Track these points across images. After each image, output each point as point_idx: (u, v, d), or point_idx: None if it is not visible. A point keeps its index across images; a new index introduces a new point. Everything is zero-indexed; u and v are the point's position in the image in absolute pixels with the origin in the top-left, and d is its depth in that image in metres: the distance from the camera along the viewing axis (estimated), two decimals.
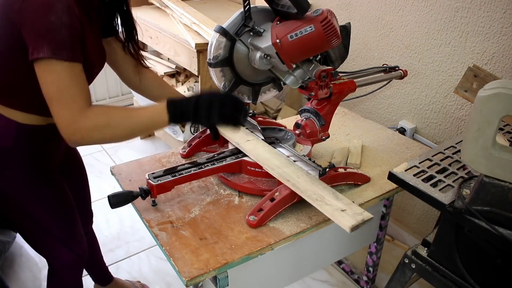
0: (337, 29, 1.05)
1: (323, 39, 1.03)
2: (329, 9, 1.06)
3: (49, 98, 0.90)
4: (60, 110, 0.90)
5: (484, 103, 0.83)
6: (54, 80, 0.89)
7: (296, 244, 1.23)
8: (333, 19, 1.05)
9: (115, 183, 1.30)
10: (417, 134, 1.87)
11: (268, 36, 1.07)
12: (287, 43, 1.05)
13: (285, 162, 1.15)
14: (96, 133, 0.92)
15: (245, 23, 1.08)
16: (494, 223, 0.86)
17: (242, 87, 1.21)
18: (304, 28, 1.01)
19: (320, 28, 1.01)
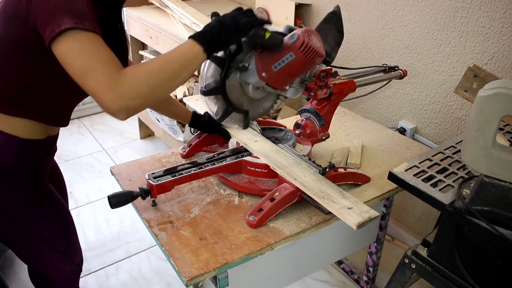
0: (317, 49, 1.01)
1: (306, 62, 1.02)
2: (306, 29, 1.01)
3: (82, 70, 0.81)
4: (97, 79, 0.81)
5: (484, 103, 0.83)
6: (83, 49, 0.82)
7: (296, 244, 1.23)
8: (312, 38, 1.01)
9: (115, 183, 1.30)
10: (417, 134, 1.87)
11: (254, 70, 1.06)
12: (273, 73, 1.04)
13: (293, 161, 1.15)
14: (143, 85, 0.83)
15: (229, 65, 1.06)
16: (494, 223, 0.86)
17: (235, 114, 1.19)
18: (285, 57, 1.01)
19: (300, 53, 0.99)
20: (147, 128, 2.86)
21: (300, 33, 1.00)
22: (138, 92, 0.83)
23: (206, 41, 0.91)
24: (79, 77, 0.82)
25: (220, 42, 0.93)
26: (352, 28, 2.04)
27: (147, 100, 0.85)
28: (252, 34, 0.96)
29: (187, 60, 0.90)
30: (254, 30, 0.95)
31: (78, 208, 2.26)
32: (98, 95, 0.81)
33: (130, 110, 0.83)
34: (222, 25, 0.93)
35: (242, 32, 0.94)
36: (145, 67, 0.86)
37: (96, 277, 1.85)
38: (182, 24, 2.17)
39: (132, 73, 0.84)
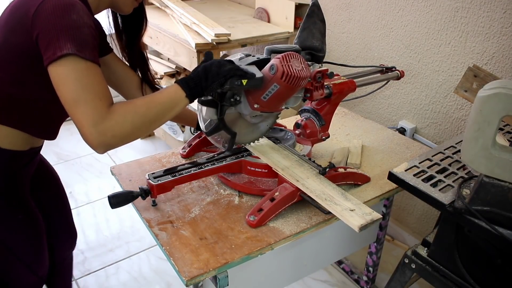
0: (298, 73, 1.00)
1: (292, 88, 1.02)
2: (285, 55, 1.00)
3: (73, 99, 0.83)
4: (85, 111, 0.83)
5: (484, 103, 0.83)
6: (79, 77, 0.84)
7: (296, 244, 1.24)
8: (292, 64, 1.00)
9: (115, 183, 1.30)
10: (417, 134, 1.87)
11: (246, 103, 1.08)
12: (264, 102, 1.05)
13: (295, 163, 1.15)
14: (127, 124, 0.86)
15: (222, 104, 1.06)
16: (494, 223, 0.86)
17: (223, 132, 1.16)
18: (271, 88, 1.02)
19: (283, 83, 1.00)
20: None
21: (278, 63, 0.99)
22: (121, 131, 0.86)
23: (189, 87, 0.95)
24: (68, 105, 0.85)
25: (201, 88, 0.96)
26: (352, 28, 2.04)
27: (127, 139, 0.89)
28: (229, 87, 0.98)
29: (170, 104, 0.94)
30: (230, 82, 0.98)
31: (78, 208, 2.26)
32: (82, 127, 0.84)
33: (110, 146, 0.86)
34: (205, 71, 0.96)
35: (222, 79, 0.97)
36: (132, 108, 0.89)
37: (96, 277, 1.85)
38: (182, 24, 2.17)
39: (119, 113, 0.87)
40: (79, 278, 1.83)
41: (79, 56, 0.84)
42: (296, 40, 1.23)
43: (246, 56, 1.09)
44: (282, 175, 1.11)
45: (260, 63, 1.06)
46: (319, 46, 1.21)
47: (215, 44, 1.95)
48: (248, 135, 1.21)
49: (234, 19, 2.39)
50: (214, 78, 0.96)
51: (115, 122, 0.85)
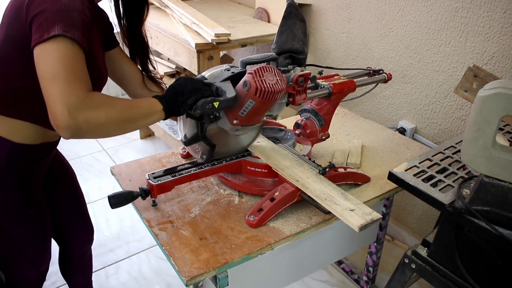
0: (272, 88, 0.98)
1: (267, 103, 1.01)
2: (257, 69, 0.98)
3: (52, 75, 0.80)
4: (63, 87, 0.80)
5: (484, 103, 0.83)
6: (61, 56, 0.82)
7: (296, 244, 1.24)
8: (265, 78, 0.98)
9: (115, 183, 1.30)
10: (417, 134, 1.87)
11: (225, 118, 1.06)
12: (243, 118, 1.03)
13: (294, 162, 1.15)
14: (102, 114, 0.83)
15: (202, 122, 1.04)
16: (494, 223, 0.86)
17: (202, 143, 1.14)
18: (247, 104, 1.00)
19: (258, 98, 0.98)
20: (147, 128, 2.86)
21: (251, 79, 0.97)
22: (93, 118, 0.82)
23: (166, 101, 0.96)
24: (45, 80, 0.81)
25: (177, 103, 0.96)
26: (352, 28, 2.04)
27: (97, 129, 0.84)
28: (200, 112, 0.98)
29: (147, 111, 0.95)
30: (202, 106, 0.97)
31: None
32: (54, 104, 0.80)
33: (78, 131, 0.81)
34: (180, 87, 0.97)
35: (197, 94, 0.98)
36: (111, 101, 0.87)
37: (96, 277, 1.85)
38: (182, 24, 2.17)
39: (97, 100, 0.84)
40: None
41: (66, 36, 0.82)
42: (274, 45, 1.20)
43: (230, 67, 1.07)
44: (282, 175, 1.11)
45: (235, 77, 1.04)
46: (300, 48, 1.18)
47: (215, 44, 1.95)
48: (229, 148, 1.19)
49: (234, 19, 2.39)
50: (190, 94, 0.97)
51: (91, 108, 0.82)
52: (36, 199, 1.13)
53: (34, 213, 1.12)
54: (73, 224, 1.37)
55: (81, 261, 1.46)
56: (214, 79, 1.04)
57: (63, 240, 1.38)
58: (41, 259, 1.20)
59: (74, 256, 1.42)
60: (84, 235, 1.42)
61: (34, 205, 1.12)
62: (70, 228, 1.36)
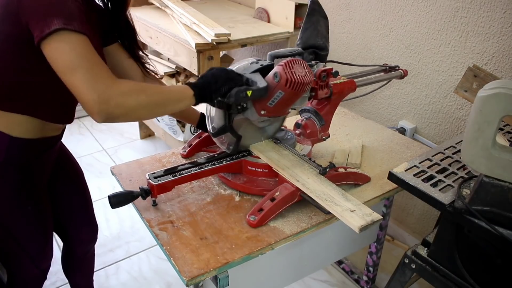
0: (302, 79, 1.02)
1: (296, 94, 1.05)
2: (287, 62, 1.02)
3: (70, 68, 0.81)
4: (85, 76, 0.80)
5: (484, 103, 0.83)
6: (73, 47, 0.82)
7: (296, 244, 1.24)
8: (294, 70, 1.02)
9: (115, 183, 1.30)
10: (417, 134, 1.87)
11: (253, 109, 1.10)
12: (271, 108, 1.08)
13: (295, 162, 1.15)
14: (132, 98, 0.84)
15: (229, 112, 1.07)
16: (494, 223, 0.86)
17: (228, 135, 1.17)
18: (276, 95, 1.04)
19: (288, 89, 1.02)
20: (147, 128, 2.86)
21: (281, 71, 1.02)
22: (124, 102, 0.84)
23: (198, 88, 0.97)
24: (65, 75, 0.82)
25: (210, 91, 0.98)
26: (352, 28, 2.05)
27: (129, 114, 0.86)
28: (234, 99, 1.00)
29: (177, 97, 0.96)
30: (236, 94, 1.00)
31: None
32: (83, 94, 0.81)
33: (111, 116, 0.83)
34: (214, 76, 0.99)
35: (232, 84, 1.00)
36: (140, 85, 0.90)
37: (96, 277, 1.84)
38: (182, 24, 2.17)
39: (126, 85, 0.86)
40: None
41: (68, 29, 0.82)
42: (298, 41, 1.24)
43: (257, 61, 1.11)
44: (283, 175, 1.11)
45: (264, 70, 1.08)
46: (323, 45, 1.22)
47: (215, 44, 1.95)
48: (254, 139, 1.23)
49: (234, 19, 2.39)
50: (224, 83, 0.99)
51: (121, 92, 0.83)
52: (37, 194, 1.12)
53: (34, 209, 1.12)
54: (78, 221, 1.37)
55: (83, 259, 1.46)
56: (243, 71, 1.07)
57: (67, 236, 1.39)
58: (42, 256, 1.20)
59: (77, 253, 1.43)
60: (88, 233, 1.42)
61: (35, 200, 1.12)
62: (75, 225, 1.37)
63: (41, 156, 1.10)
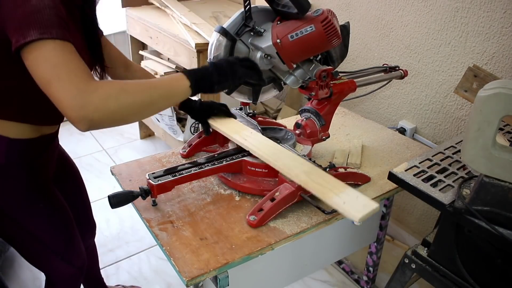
0: (337, 29, 1.04)
1: (324, 39, 1.03)
2: (330, 9, 1.06)
3: (46, 79, 0.78)
4: (61, 86, 0.77)
5: (484, 103, 0.83)
6: (47, 58, 0.79)
7: (296, 244, 1.24)
8: (334, 19, 1.05)
9: (115, 183, 1.30)
10: (417, 134, 1.87)
11: (268, 36, 1.07)
12: (288, 43, 1.04)
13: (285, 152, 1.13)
14: (112, 101, 0.79)
15: (245, 23, 1.07)
16: (494, 223, 0.86)
17: (243, 87, 1.20)
18: (305, 28, 1.01)
19: (321, 28, 1.01)
20: (147, 128, 2.86)
21: (326, 10, 1.03)
22: (104, 106, 0.79)
23: (195, 78, 0.90)
24: (43, 86, 0.80)
25: (210, 83, 0.93)
26: (352, 28, 2.04)
27: (112, 117, 0.81)
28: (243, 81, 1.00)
29: (170, 91, 0.89)
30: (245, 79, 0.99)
31: None
32: (61, 103, 0.78)
33: (92, 122, 0.79)
34: (217, 68, 0.94)
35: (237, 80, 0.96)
36: (120, 85, 0.83)
37: None
38: (182, 24, 2.17)
39: (103, 86, 0.81)
40: None
41: (43, 39, 0.78)
42: None
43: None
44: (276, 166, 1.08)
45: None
46: (334, 59, 1.24)
47: None
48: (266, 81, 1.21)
49: None
50: (227, 77, 0.93)
51: (98, 96, 0.78)
52: (46, 191, 1.12)
53: (47, 205, 1.11)
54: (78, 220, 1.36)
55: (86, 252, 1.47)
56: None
57: None
58: (71, 253, 1.19)
59: None
60: (86, 230, 1.44)
61: (45, 197, 1.11)
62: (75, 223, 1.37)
63: (42, 154, 1.10)
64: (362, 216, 0.93)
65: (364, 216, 0.93)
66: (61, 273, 1.21)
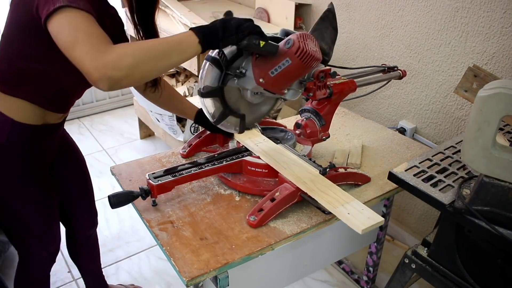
0: (313, 53, 1.01)
1: (302, 67, 1.02)
2: (302, 33, 1.02)
3: (70, 42, 0.84)
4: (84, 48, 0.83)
5: (484, 103, 0.83)
6: (72, 23, 0.85)
7: (296, 244, 1.24)
8: (308, 42, 1.01)
9: (115, 183, 1.30)
10: (417, 134, 1.87)
11: (251, 76, 1.07)
12: (271, 78, 1.05)
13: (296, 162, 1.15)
14: (129, 57, 0.84)
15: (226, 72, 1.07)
16: (494, 223, 0.86)
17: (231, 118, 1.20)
18: (282, 63, 1.01)
19: (296, 59, 0.99)
20: (147, 128, 2.86)
21: (295, 38, 1.00)
22: (121, 63, 0.83)
23: (204, 34, 0.93)
24: (67, 49, 0.85)
25: (217, 39, 0.94)
26: (352, 28, 2.04)
27: (130, 73, 0.85)
28: (246, 43, 0.97)
29: (180, 46, 0.92)
30: (248, 39, 0.97)
31: None
32: (83, 64, 0.83)
33: (113, 80, 0.83)
34: (224, 23, 0.95)
35: (241, 34, 0.96)
36: (135, 44, 0.88)
37: None
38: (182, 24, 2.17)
39: (120, 47, 0.86)
40: (78, 278, 1.82)
41: (71, 6, 0.85)
42: None
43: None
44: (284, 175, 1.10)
45: (274, 39, 1.06)
46: (327, 50, 1.22)
47: None
48: (250, 116, 1.23)
49: None
50: (232, 31, 0.95)
51: (116, 55, 0.84)
52: (39, 177, 1.16)
53: (37, 190, 1.15)
54: (79, 207, 1.41)
55: (85, 244, 1.50)
56: None
57: (68, 221, 1.43)
58: (48, 238, 1.24)
59: (79, 239, 1.47)
60: (88, 219, 1.46)
61: (37, 183, 1.15)
62: (76, 211, 1.41)
63: (42, 142, 1.14)
64: (365, 228, 0.94)
65: (368, 228, 0.95)
66: (35, 255, 1.25)
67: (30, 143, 1.10)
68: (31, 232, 1.20)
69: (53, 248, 1.27)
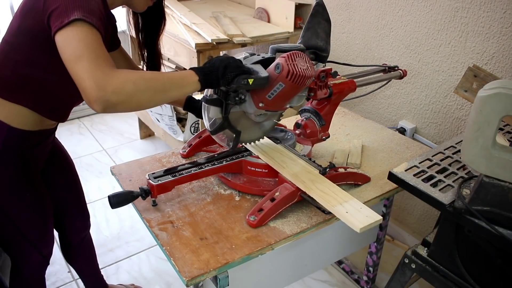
0: (303, 73, 1.01)
1: (296, 87, 1.04)
2: (290, 54, 1.02)
3: (76, 55, 0.84)
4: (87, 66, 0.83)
5: (484, 103, 0.83)
6: (82, 38, 0.86)
7: (296, 244, 1.24)
8: (297, 63, 1.02)
9: (115, 183, 1.30)
10: (417, 134, 1.87)
11: (251, 101, 1.09)
12: (269, 101, 1.06)
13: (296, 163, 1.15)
14: (130, 84, 0.85)
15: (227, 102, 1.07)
16: (494, 223, 0.86)
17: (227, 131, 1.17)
18: (276, 87, 1.03)
19: (288, 82, 1.01)
20: (147, 128, 2.86)
21: (283, 62, 1.01)
22: (122, 89, 0.84)
23: (203, 73, 0.97)
24: (70, 62, 0.85)
25: (216, 77, 0.98)
26: (352, 28, 2.04)
27: (128, 99, 0.86)
28: (236, 86, 0.99)
29: (180, 82, 0.95)
30: (237, 81, 0.99)
31: None
32: (83, 80, 0.83)
33: (109, 103, 0.83)
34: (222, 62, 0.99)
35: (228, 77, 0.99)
36: (139, 72, 0.90)
37: None
38: (182, 24, 2.17)
39: (123, 72, 0.87)
40: (78, 278, 1.82)
41: (86, 21, 0.86)
42: (300, 40, 1.24)
43: (250, 55, 1.10)
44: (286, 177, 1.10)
45: (265, 62, 1.07)
46: (323, 46, 1.22)
47: (215, 44, 1.95)
48: (252, 134, 1.22)
49: (234, 19, 2.39)
50: (232, 69, 0.98)
51: (117, 79, 0.84)
52: (34, 182, 1.16)
53: (32, 196, 1.15)
54: (71, 211, 1.41)
55: (80, 246, 1.50)
56: (244, 62, 1.06)
57: (61, 225, 1.43)
58: (43, 242, 1.24)
59: (72, 242, 1.47)
60: (80, 222, 1.46)
61: (32, 187, 1.15)
62: (68, 215, 1.40)
63: (36, 147, 1.14)
64: (363, 226, 0.95)
65: (366, 226, 0.95)
66: (29, 259, 1.24)
67: (25, 148, 1.10)
68: (25, 237, 1.19)
69: (47, 251, 1.27)
